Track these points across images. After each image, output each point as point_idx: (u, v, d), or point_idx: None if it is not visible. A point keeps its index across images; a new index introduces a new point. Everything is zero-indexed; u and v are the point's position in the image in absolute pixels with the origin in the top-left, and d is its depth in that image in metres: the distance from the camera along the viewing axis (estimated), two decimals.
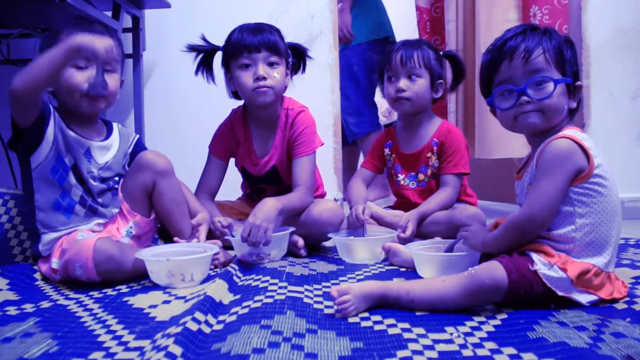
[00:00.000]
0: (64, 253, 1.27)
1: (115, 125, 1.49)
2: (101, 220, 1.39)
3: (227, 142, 1.73)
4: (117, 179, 1.44)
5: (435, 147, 1.78)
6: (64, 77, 1.31)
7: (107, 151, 1.43)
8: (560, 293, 0.97)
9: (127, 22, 2.18)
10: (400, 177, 1.84)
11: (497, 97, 1.11)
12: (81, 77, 1.32)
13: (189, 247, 1.38)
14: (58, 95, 1.38)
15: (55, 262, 1.28)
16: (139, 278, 1.29)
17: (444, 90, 1.83)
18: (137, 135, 1.54)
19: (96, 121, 1.45)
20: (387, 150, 1.89)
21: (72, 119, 1.37)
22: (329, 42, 2.37)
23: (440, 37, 2.61)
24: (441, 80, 1.81)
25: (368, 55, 2.79)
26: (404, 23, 3.36)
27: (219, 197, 1.76)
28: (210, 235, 1.52)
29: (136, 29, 2.18)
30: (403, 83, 1.75)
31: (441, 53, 1.84)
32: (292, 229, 1.52)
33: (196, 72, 1.67)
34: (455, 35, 2.40)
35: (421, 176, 1.81)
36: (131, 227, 1.41)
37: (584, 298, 0.99)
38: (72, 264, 1.23)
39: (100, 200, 1.40)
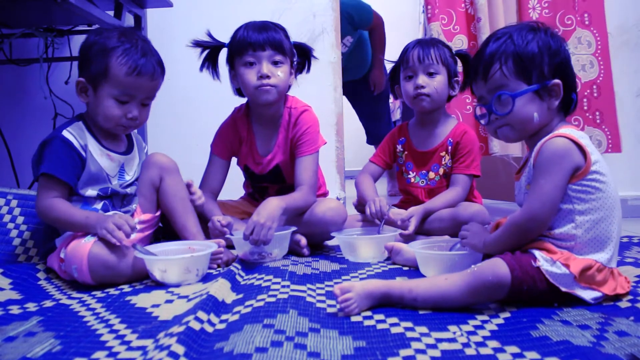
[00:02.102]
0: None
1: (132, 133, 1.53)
2: (121, 214, 1.40)
3: (229, 141, 1.73)
4: (136, 181, 1.49)
5: (449, 147, 1.78)
6: (104, 106, 1.34)
7: (133, 161, 1.48)
8: (563, 289, 0.97)
9: (129, 21, 2.18)
10: (411, 174, 1.84)
11: (476, 113, 1.17)
12: (120, 111, 1.35)
13: (184, 245, 1.38)
14: (92, 112, 1.39)
15: (63, 252, 1.28)
16: (142, 278, 1.29)
17: (459, 88, 1.83)
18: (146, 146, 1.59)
19: None
20: (399, 147, 1.88)
21: (100, 131, 1.41)
22: (331, 41, 2.36)
23: (447, 17, 2.45)
24: (457, 78, 1.80)
25: None
26: None
27: (221, 197, 1.76)
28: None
29: (138, 28, 2.18)
30: (422, 80, 1.74)
31: (454, 52, 1.83)
32: (293, 228, 1.52)
33: (201, 68, 1.67)
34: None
35: (432, 174, 1.80)
36: (136, 224, 1.42)
37: (587, 295, 0.99)
38: (70, 264, 1.24)
39: (124, 202, 1.44)
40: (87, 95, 1.37)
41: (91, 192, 1.35)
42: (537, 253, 1.00)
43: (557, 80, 1.06)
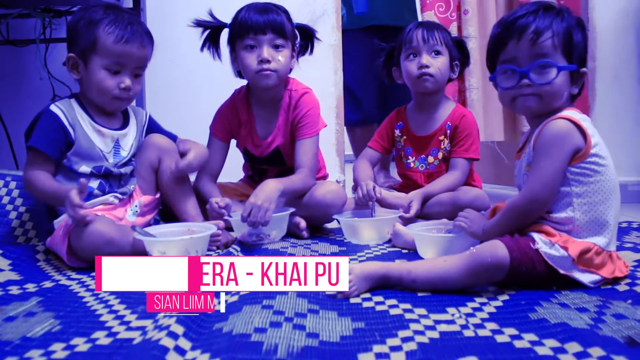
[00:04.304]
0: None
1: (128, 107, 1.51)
2: (119, 195, 1.40)
3: (229, 123, 1.72)
4: (134, 159, 1.48)
5: (448, 131, 1.77)
6: (96, 78, 1.34)
7: (129, 136, 1.47)
8: (562, 271, 0.97)
9: (128, 1, 2.16)
10: (411, 159, 1.83)
11: (499, 75, 1.11)
12: (113, 82, 1.35)
13: (184, 226, 1.38)
14: (85, 88, 1.38)
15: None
16: None
17: (459, 71, 1.82)
18: (148, 113, 1.57)
19: None
20: (397, 132, 1.87)
21: (93, 108, 1.40)
22: (332, 23, 2.34)
23: (445, 5, 2.26)
24: (457, 62, 1.80)
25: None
26: None
27: (221, 179, 1.75)
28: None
29: (137, 8, 2.16)
30: (426, 59, 1.72)
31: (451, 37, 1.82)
32: (292, 209, 1.52)
33: (202, 49, 1.66)
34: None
35: (431, 159, 1.79)
36: (136, 206, 1.44)
37: (585, 278, 0.99)
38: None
39: (121, 182, 1.42)
40: (79, 72, 1.36)
41: (85, 168, 1.35)
42: (535, 236, 1.00)
43: (586, 70, 1.08)
